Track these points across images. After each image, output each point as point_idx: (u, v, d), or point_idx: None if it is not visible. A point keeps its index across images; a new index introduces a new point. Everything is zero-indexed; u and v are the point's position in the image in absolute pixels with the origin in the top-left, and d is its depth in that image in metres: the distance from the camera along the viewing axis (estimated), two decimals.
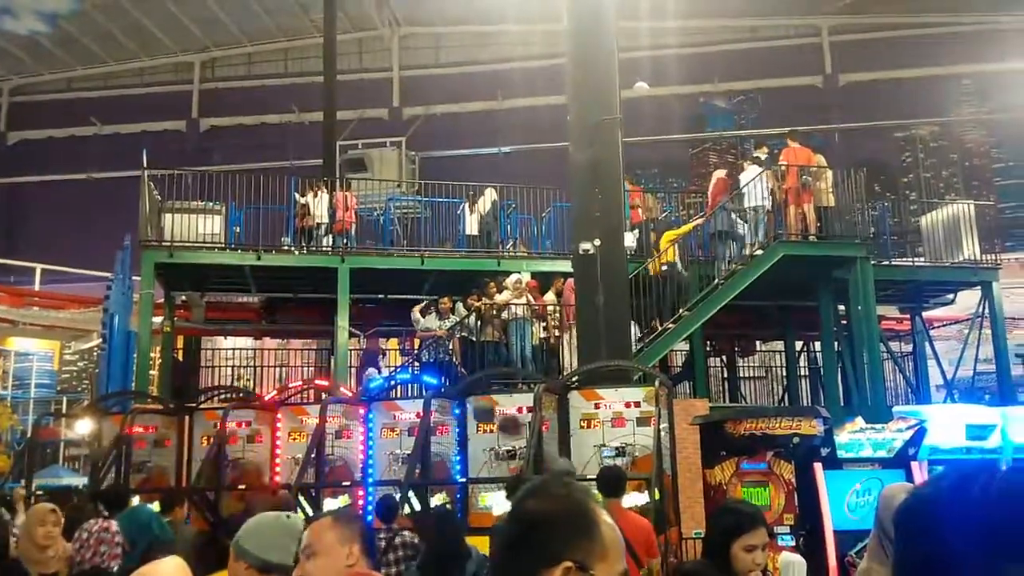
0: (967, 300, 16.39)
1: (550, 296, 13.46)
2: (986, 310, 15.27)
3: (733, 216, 13.79)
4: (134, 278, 15.33)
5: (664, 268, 13.19)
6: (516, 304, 13.00)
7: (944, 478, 1.16)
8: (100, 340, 18.00)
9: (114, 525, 4.61)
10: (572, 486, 1.57)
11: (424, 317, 13.69)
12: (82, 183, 33.98)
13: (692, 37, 32.84)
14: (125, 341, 14.95)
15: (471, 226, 15.66)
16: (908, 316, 17.31)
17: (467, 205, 15.92)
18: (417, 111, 34.45)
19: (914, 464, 8.32)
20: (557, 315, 13.12)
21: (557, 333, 13.00)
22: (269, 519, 3.02)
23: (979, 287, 15.43)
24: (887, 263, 15.33)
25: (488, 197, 15.62)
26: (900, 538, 1.15)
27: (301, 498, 9.06)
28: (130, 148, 24.60)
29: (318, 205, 15.30)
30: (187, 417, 10.72)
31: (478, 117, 34.22)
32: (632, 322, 12.20)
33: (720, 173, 15.47)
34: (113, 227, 17.85)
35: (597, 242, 10.02)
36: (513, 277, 13.30)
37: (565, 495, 1.50)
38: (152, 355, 15.67)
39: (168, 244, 14.23)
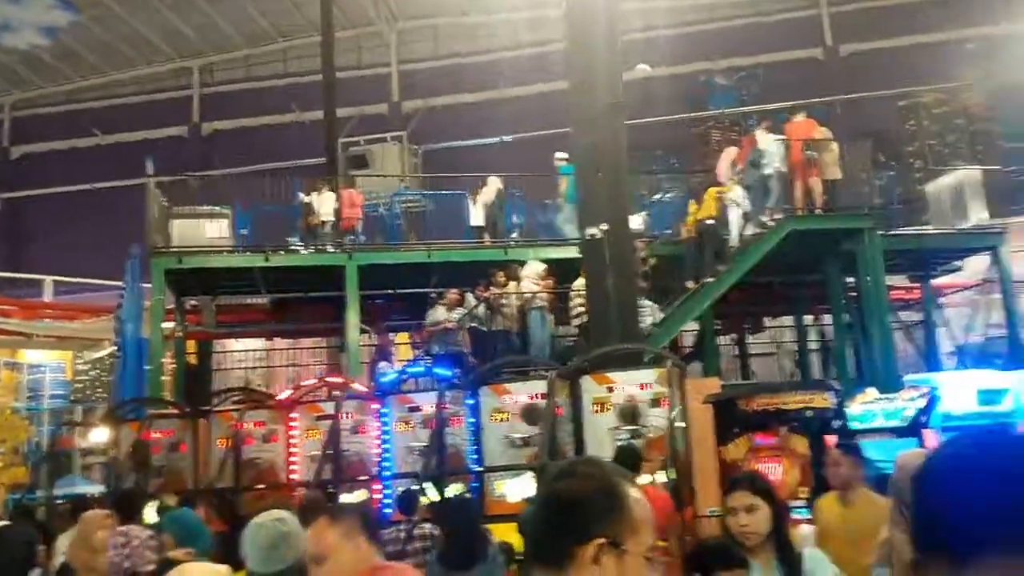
0: (976, 265, 16.33)
1: (580, 282, 13.44)
2: (995, 274, 15.21)
3: (735, 192, 13.73)
4: (144, 285, 15.42)
5: (709, 222, 13.24)
6: (535, 292, 12.98)
7: (959, 441, 1.17)
8: (112, 348, 18.13)
9: (147, 532, 4.69)
10: (603, 465, 1.63)
11: (433, 309, 13.73)
12: (87, 193, 34.10)
13: (688, 15, 32.67)
14: (138, 348, 15.05)
15: (476, 217, 15.67)
16: (917, 285, 17.26)
17: (471, 196, 15.92)
18: (417, 104, 34.41)
19: (927, 432, 8.34)
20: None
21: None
22: (260, 528, 3.04)
23: (987, 252, 15.37)
24: (894, 233, 15.29)
25: (492, 187, 15.61)
26: (917, 501, 1.15)
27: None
28: (133, 156, 24.71)
29: (322, 204, 15.34)
30: (202, 420, 10.80)
31: (479, 107, 34.14)
32: (651, 303, 12.25)
33: (731, 149, 15.37)
34: (121, 236, 17.92)
35: (604, 226, 10.02)
36: (533, 265, 13.28)
37: (595, 474, 1.56)
38: (165, 361, 15.77)
39: (176, 250, 14.31)
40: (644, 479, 7.57)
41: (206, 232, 14.78)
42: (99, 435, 12.71)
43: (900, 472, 3.93)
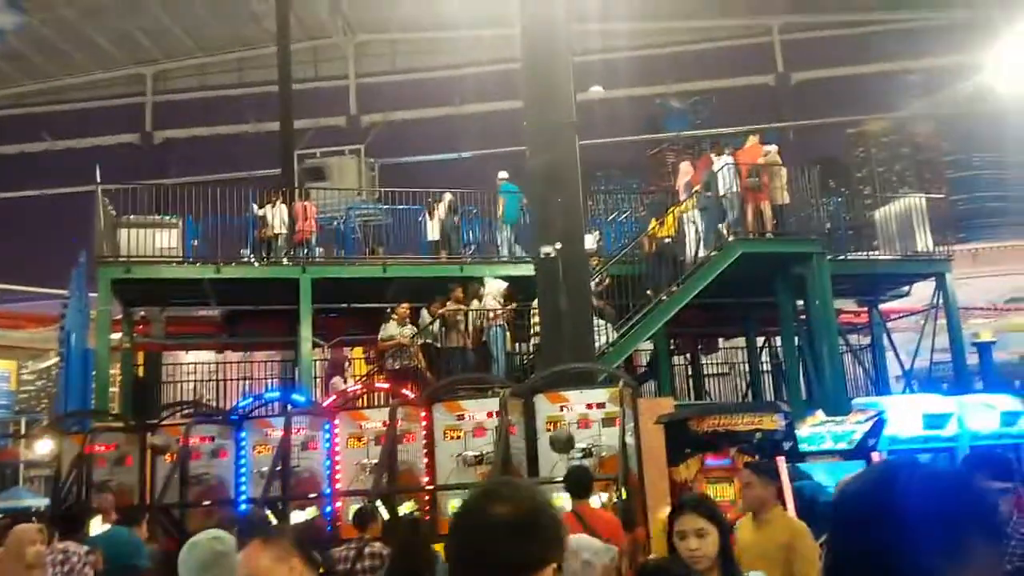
0: (922, 291, 16.73)
1: None
2: (940, 300, 15.60)
3: (693, 212, 13.95)
4: (91, 295, 15.09)
5: (667, 241, 13.41)
6: (496, 310, 13.02)
7: (869, 474, 1.20)
8: (57, 359, 17.70)
9: (83, 548, 4.57)
10: (529, 487, 1.61)
11: (386, 324, 13.67)
12: (35, 200, 33.39)
13: (644, 39, 33.16)
14: (83, 359, 14.72)
15: (432, 232, 15.66)
16: (866, 309, 17.63)
17: (428, 211, 15.91)
18: (375, 118, 34.36)
19: (874, 455, 8.49)
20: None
21: None
22: (194, 547, 3.00)
23: (933, 278, 15.77)
24: (843, 257, 15.61)
25: (445, 202, 15.63)
26: (832, 530, 1.19)
27: (268, 511, 8.98)
28: (83, 163, 24.26)
29: (275, 216, 15.19)
30: (148, 434, 10.56)
31: (437, 122, 34.22)
32: (605, 322, 12.35)
33: (686, 165, 15.62)
34: (68, 244, 17.58)
35: (558, 245, 10.07)
36: (496, 284, 13.30)
37: (531, 496, 1.54)
38: (112, 372, 15.44)
39: (124, 259, 14.04)
40: (595, 500, 7.58)
41: (156, 242, 14.51)
42: (43, 447, 12.36)
43: None
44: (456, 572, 1.51)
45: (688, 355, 18.83)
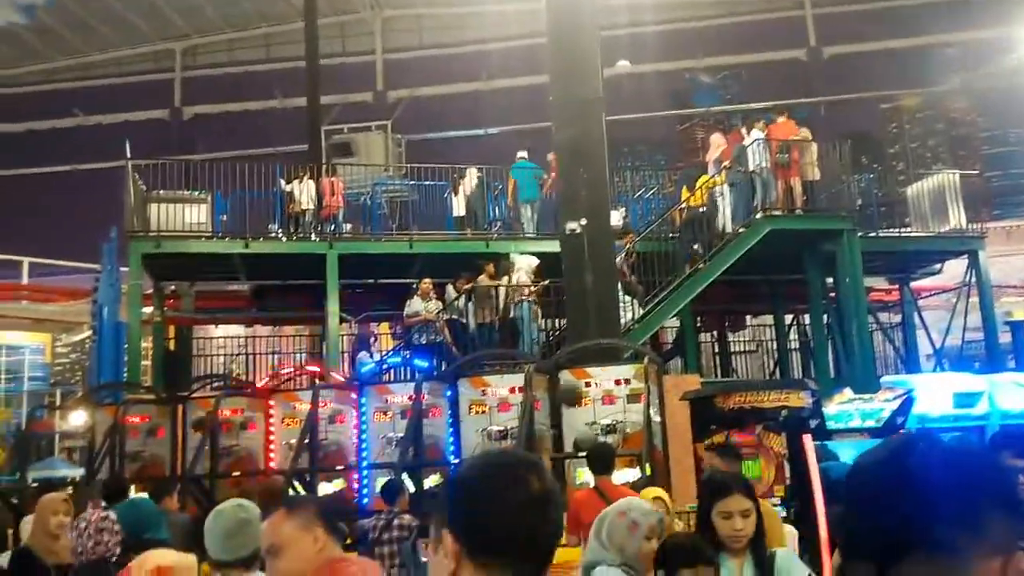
0: (954, 269, 16.49)
1: None
2: (973, 278, 15.37)
3: (721, 188, 13.82)
4: (122, 269, 15.28)
5: (701, 210, 13.32)
6: (527, 286, 12.99)
7: (877, 450, 1.19)
8: (90, 332, 17.98)
9: (113, 514, 4.64)
10: (478, 461, 1.60)
11: (411, 300, 13.72)
12: (66, 175, 33.81)
13: (674, 12, 32.72)
14: (115, 332, 14.93)
15: (458, 208, 15.65)
16: (896, 287, 17.41)
17: (453, 187, 15.89)
18: (402, 94, 34.30)
19: (903, 433, 8.43)
20: None
21: None
22: (219, 515, 3.02)
23: (966, 256, 15.53)
24: (874, 234, 15.41)
25: (471, 177, 15.59)
26: (846, 503, 1.18)
27: (296, 483, 9.11)
28: (113, 138, 24.49)
29: (302, 191, 15.26)
30: (180, 406, 10.73)
31: (463, 98, 34.10)
32: (631, 298, 12.31)
33: (718, 137, 15.37)
34: (99, 218, 17.80)
35: (584, 221, 10.03)
36: (527, 259, 13.26)
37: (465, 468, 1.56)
38: (144, 345, 15.67)
39: (155, 234, 14.18)
40: (619, 477, 7.60)
41: (185, 217, 14.64)
42: (77, 418, 12.60)
43: None
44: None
45: (715, 332, 18.73)
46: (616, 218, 13.32)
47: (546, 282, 12.81)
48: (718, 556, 3.26)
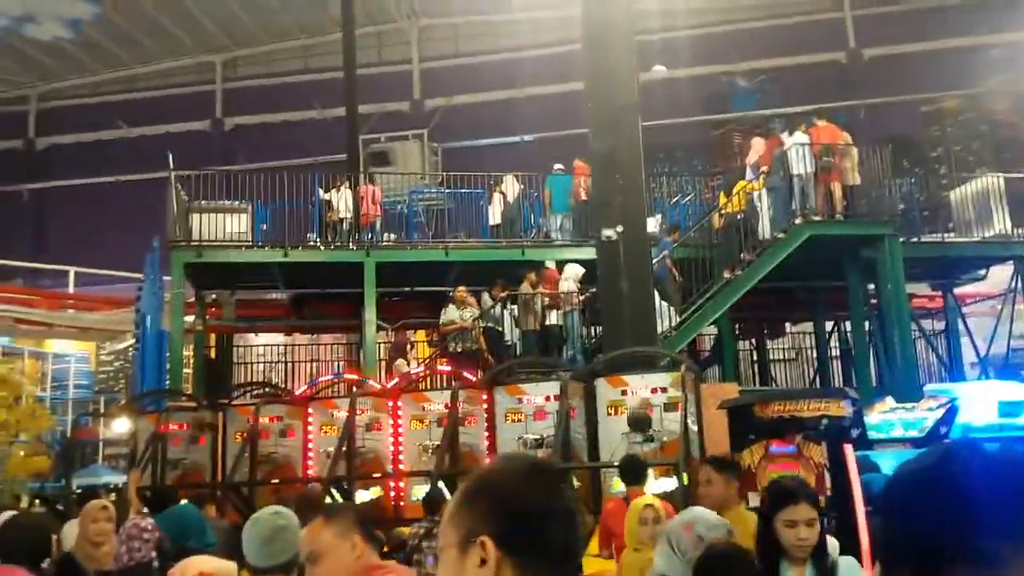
0: (999, 275, 16.15)
1: None
2: (1019, 285, 15.04)
3: (758, 193, 13.69)
4: (165, 278, 15.54)
5: (739, 216, 13.24)
6: (574, 294, 13.00)
7: (921, 458, 1.18)
8: (133, 340, 18.29)
9: (148, 521, 4.73)
10: (512, 462, 1.56)
11: (446, 308, 13.80)
12: (111, 186, 34.43)
13: (710, 16, 32.54)
14: (158, 341, 15.18)
15: (494, 216, 15.69)
16: (940, 293, 17.10)
17: (488, 195, 15.95)
18: (438, 102, 34.50)
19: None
20: None
21: None
22: (256, 523, 3.04)
23: (1011, 261, 15.21)
24: (916, 240, 15.15)
25: (511, 185, 15.62)
26: (885, 517, 1.17)
27: (333, 490, 9.17)
28: (156, 149, 24.89)
29: (340, 200, 15.41)
30: (220, 414, 10.87)
31: (499, 106, 34.18)
32: (668, 305, 12.25)
33: (758, 141, 15.23)
34: (143, 228, 18.08)
35: (620, 228, 10.00)
36: (574, 268, 13.26)
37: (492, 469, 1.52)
38: (185, 354, 15.91)
39: (197, 244, 14.41)
40: (656, 487, 7.55)
41: (226, 227, 14.86)
42: (121, 426, 12.82)
43: None
44: None
45: (753, 340, 18.53)
46: (652, 225, 13.27)
47: (593, 290, 12.78)
48: (779, 564, 3.22)
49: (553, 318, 13.07)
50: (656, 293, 11.61)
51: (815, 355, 17.90)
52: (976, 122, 35.11)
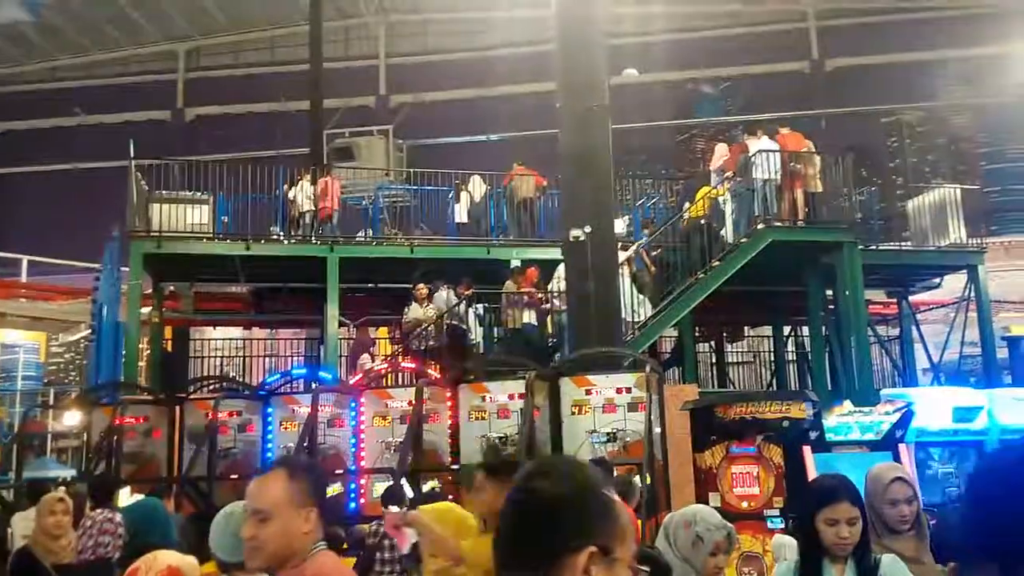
0: (953, 284, 16.51)
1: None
2: (972, 293, 15.39)
3: (723, 198, 13.84)
4: (122, 269, 15.27)
5: (702, 221, 13.36)
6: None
7: (1009, 451, 1.18)
8: (88, 331, 17.94)
9: (117, 516, 4.64)
10: (581, 465, 1.54)
11: (409, 306, 13.75)
12: (68, 173, 33.71)
13: (678, 23, 32.79)
14: (114, 332, 14.90)
15: (460, 214, 15.66)
16: (895, 300, 17.43)
17: (455, 193, 15.91)
18: (404, 99, 34.30)
19: (902, 446, 8.42)
20: None
21: None
22: (234, 516, 2.91)
23: (965, 271, 15.55)
24: (874, 247, 15.42)
25: (478, 184, 15.61)
26: (972, 506, 1.17)
27: None
28: (115, 138, 24.40)
29: (299, 193, 15.26)
30: (177, 407, 10.71)
31: (466, 104, 34.10)
32: (644, 296, 12.33)
33: (723, 147, 15.39)
34: (100, 218, 17.75)
35: (588, 228, 10.04)
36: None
37: (578, 476, 1.45)
38: (140, 346, 15.63)
39: (156, 234, 14.17)
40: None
41: (187, 218, 14.63)
42: (72, 418, 12.56)
43: (871, 486, 3.93)
44: (495, 547, 1.48)
45: (713, 343, 18.73)
46: (620, 226, 13.34)
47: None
48: (820, 563, 3.22)
49: (526, 317, 13.08)
50: (632, 286, 11.73)
51: (772, 358, 18.14)
52: (933, 134, 35.83)
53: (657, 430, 8.62)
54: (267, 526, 2.38)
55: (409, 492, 8.68)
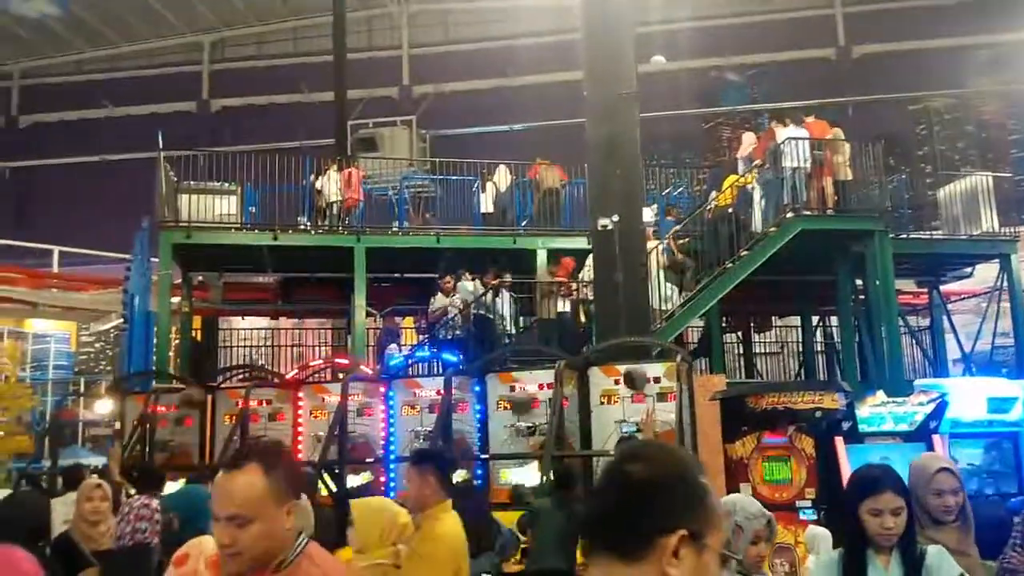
0: (985, 273, 16.29)
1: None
2: (1004, 283, 15.18)
3: (752, 187, 13.73)
4: (152, 259, 15.41)
5: (729, 210, 13.29)
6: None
7: None
8: (120, 321, 18.14)
9: (155, 502, 4.69)
10: (676, 451, 1.54)
11: (435, 296, 13.79)
12: (96, 165, 34.07)
13: (704, 10, 32.53)
14: (144, 322, 15.06)
15: (486, 204, 15.65)
16: (925, 290, 17.23)
17: (481, 183, 15.90)
18: (427, 89, 34.33)
19: (935, 437, 8.34)
20: None
21: None
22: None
23: (997, 260, 15.34)
24: (904, 236, 15.24)
25: (503, 174, 15.59)
26: None
27: (324, 475, 9.15)
28: (141, 130, 24.66)
29: (327, 184, 15.31)
30: (209, 396, 10.81)
31: (489, 94, 34.06)
32: (672, 286, 12.30)
33: (750, 136, 15.27)
34: (129, 208, 17.92)
35: (616, 218, 9.99)
36: None
37: (671, 461, 1.46)
38: (170, 335, 15.78)
39: (185, 225, 14.28)
40: None
41: (215, 208, 14.73)
42: (102, 407, 12.72)
43: (916, 475, 3.90)
44: (583, 528, 1.49)
45: (739, 333, 18.61)
46: (648, 215, 13.27)
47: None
48: (864, 554, 3.17)
49: (561, 306, 13.10)
50: (659, 274, 11.71)
51: (799, 349, 18.00)
52: (962, 122, 35.34)
53: (687, 420, 8.58)
54: (247, 530, 2.11)
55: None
